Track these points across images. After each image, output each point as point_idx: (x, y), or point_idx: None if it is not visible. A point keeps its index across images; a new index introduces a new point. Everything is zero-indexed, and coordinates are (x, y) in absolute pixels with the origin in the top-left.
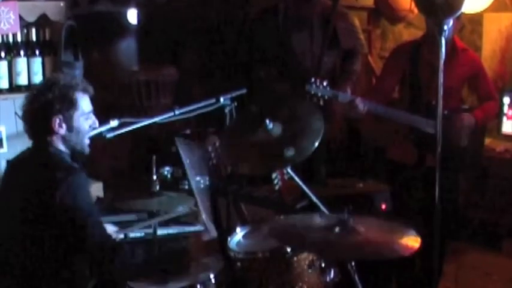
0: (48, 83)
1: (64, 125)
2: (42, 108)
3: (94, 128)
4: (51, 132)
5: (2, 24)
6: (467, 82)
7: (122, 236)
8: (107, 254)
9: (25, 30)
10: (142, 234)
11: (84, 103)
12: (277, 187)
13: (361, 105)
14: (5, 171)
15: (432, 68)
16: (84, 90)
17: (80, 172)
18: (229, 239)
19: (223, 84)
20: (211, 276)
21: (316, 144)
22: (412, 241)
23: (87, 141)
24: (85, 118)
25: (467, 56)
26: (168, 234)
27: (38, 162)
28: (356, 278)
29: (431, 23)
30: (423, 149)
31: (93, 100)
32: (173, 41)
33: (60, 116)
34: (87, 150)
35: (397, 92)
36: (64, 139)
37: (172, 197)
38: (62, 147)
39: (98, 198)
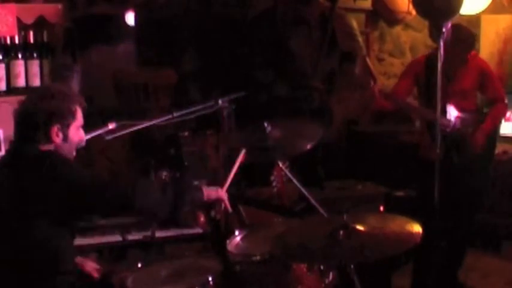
0: (48, 92)
1: (61, 134)
2: (45, 116)
3: (81, 143)
4: (48, 140)
5: None
6: (478, 85)
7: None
8: (135, 194)
9: (23, 33)
10: (141, 237)
11: (80, 115)
12: (275, 189)
13: None
14: None
15: (446, 75)
16: (80, 103)
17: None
18: (228, 241)
19: (221, 86)
20: (210, 279)
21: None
22: (414, 228)
23: (74, 154)
24: (78, 130)
25: (476, 61)
26: (167, 237)
27: (30, 162)
28: (356, 279)
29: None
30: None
31: (91, 102)
32: (171, 44)
33: (59, 125)
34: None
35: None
36: (56, 148)
37: None
38: None
39: None
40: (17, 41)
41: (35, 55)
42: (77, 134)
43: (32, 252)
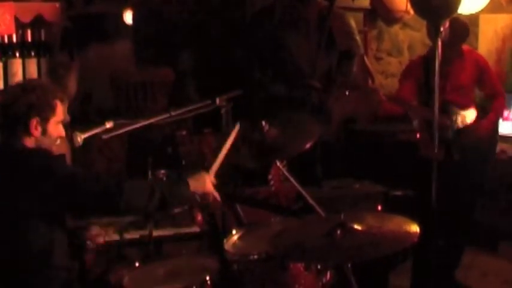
0: (30, 85)
1: (39, 128)
2: (25, 108)
3: (60, 138)
4: (28, 133)
5: None
6: (476, 80)
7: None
8: (113, 195)
9: (20, 31)
10: (138, 236)
11: (60, 110)
12: (273, 188)
13: None
14: None
15: (443, 73)
16: (62, 99)
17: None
18: (225, 240)
19: (219, 85)
20: (207, 278)
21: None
22: (411, 228)
23: (54, 149)
24: (57, 125)
25: (473, 56)
26: (164, 236)
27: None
28: (352, 279)
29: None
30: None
31: (89, 101)
32: (169, 42)
33: (38, 118)
34: None
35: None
36: (36, 142)
37: None
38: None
39: None
40: (14, 40)
41: (32, 54)
42: (56, 129)
43: (24, 246)
